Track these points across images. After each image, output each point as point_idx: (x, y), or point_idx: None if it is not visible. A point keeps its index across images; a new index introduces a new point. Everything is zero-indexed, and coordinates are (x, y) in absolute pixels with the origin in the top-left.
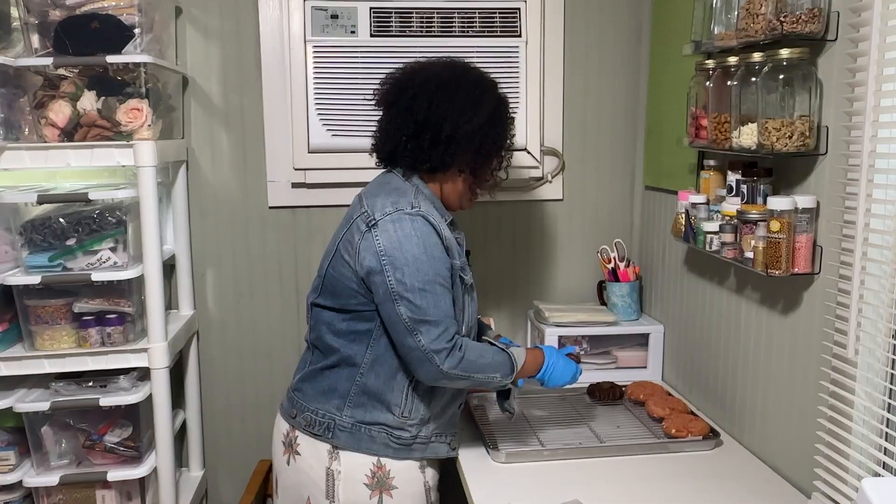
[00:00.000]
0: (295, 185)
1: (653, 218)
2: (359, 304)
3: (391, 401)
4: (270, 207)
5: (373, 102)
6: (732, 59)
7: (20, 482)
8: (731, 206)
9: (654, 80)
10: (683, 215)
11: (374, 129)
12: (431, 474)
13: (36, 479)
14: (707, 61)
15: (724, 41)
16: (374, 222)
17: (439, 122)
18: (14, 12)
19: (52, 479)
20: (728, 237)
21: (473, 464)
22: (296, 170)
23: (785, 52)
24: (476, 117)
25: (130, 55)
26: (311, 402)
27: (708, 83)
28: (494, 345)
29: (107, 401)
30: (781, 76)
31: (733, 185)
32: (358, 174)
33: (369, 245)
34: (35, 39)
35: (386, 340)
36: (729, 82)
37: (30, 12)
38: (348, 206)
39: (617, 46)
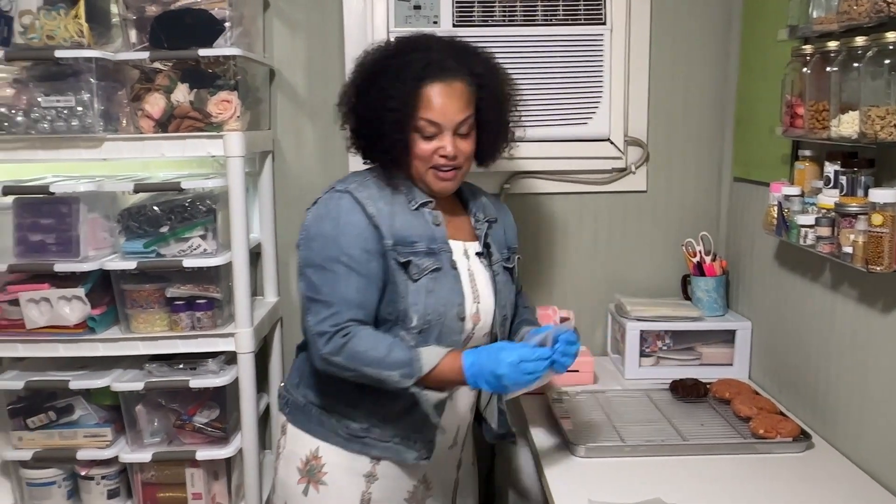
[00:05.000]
0: None
1: (741, 210)
2: None
3: (343, 387)
4: None
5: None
6: (833, 44)
7: (116, 457)
8: (829, 198)
9: (745, 66)
10: (776, 208)
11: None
12: (382, 487)
13: (131, 455)
14: (804, 46)
15: (824, 25)
16: (314, 202)
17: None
18: (114, 9)
19: (145, 456)
20: (824, 231)
21: (552, 457)
22: None
23: (891, 36)
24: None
25: (221, 48)
26: (286, 379)
27: (805, 69)
28: (404, 341)
29: (196, 383)
30: (887, 61)
31: (831, 176)
32: None
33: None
34: (133, 34)
35: None
36: (828, 68)
37: (128, 8)
38: None
39: (706, 32)
